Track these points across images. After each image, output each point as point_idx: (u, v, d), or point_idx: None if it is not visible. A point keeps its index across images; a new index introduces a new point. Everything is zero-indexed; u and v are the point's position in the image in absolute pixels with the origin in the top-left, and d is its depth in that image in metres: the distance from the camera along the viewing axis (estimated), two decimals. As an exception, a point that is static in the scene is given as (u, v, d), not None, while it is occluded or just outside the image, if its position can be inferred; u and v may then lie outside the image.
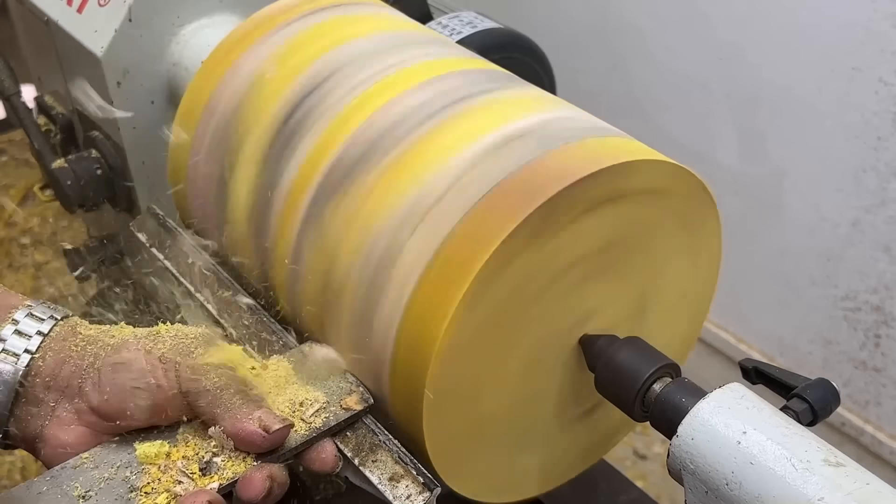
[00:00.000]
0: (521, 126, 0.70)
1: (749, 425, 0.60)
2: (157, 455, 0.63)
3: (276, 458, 0.64)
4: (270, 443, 0.63)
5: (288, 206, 0.75)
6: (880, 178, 1.62)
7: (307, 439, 0.66)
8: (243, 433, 0.62)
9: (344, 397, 0.70)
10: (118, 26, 0.94)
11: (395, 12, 0.92)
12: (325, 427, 0.67)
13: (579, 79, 2.05)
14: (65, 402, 0.64)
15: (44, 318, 0.65)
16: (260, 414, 0.63)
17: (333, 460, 0.67)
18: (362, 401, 0.70)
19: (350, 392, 0.70)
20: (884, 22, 1.51)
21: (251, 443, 0.63)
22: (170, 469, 0.62)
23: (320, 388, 0.70)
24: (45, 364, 0.63)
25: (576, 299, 0.71)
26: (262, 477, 0.62)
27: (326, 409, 0.68)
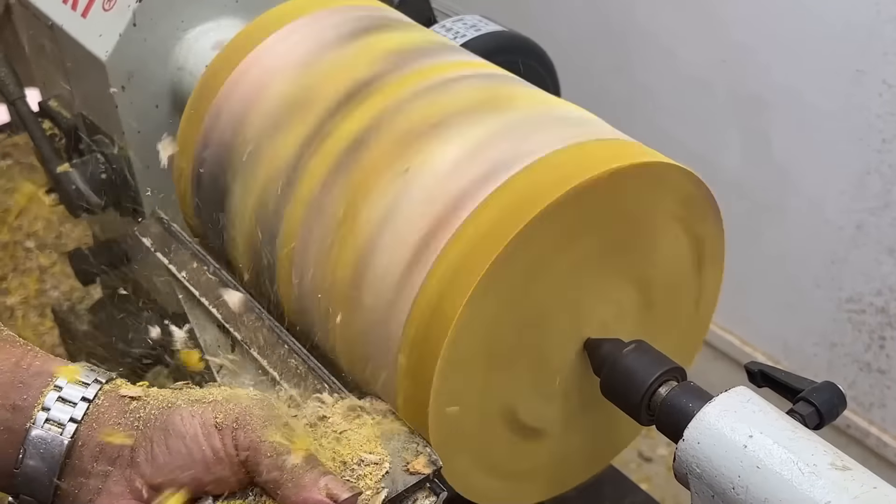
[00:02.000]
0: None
1: (755, 429, 0.60)
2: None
3: None
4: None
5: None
6: (885, 181, 1.62)
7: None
8: (310, 502, 0.58)
9: (410, 460, 0.65)
10: (122, 31, 0.94)
11: (386, 14, 0.92)
12: (392, 494, 0.63)
13: (583, 80, 2.04)
14: (115, 473, 0.59)
15: (88, 383, 0.61)
16: (326, 481, 0.59)
17: None
18: (430, 464, 0.65)
19: (416, 454, 0.66)
20: (888, 24, 1.51)
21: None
22: None
23: (385, 449, 0.65)
24: (92, 432, 0.59)
25: (580, 304, 0.71)
26: None
27: (392, 473, 0.63)
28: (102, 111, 1.00)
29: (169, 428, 0.59)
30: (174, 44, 0.98)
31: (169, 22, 0.96)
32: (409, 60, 0.80)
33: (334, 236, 0.72)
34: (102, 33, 0.95)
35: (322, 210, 0.73)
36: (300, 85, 0.80)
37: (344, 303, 0.71)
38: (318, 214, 0.74)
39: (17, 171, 2.89)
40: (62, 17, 1.01)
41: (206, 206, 0.85)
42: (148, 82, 0.97)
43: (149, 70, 0.97)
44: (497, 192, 0.66)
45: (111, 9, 0.95)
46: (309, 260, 0.74)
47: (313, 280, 0.74)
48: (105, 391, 0.61)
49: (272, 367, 0.75)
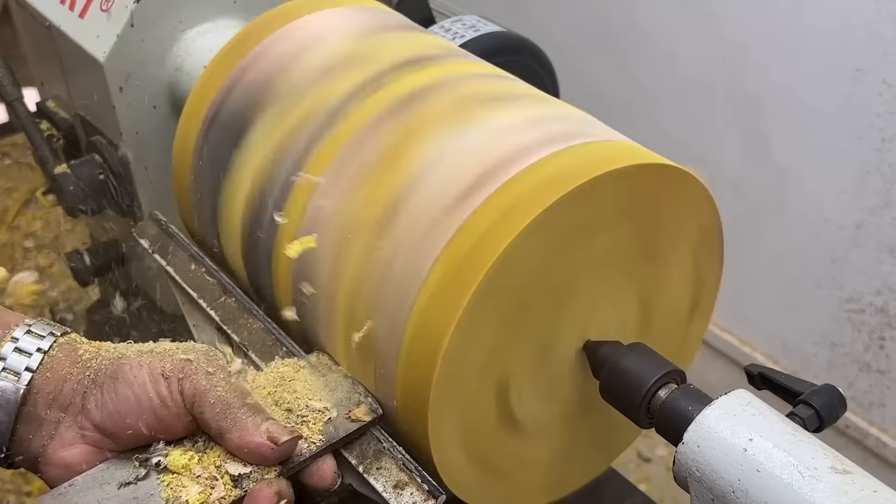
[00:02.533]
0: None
1: (755, 432, 0.59)
2: (185, 466, 0.62)
3: (286, 470, 0.63)
4: (279, 455, 0.62)
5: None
6: (885, 180, 1.62)
7: (316, 452, 0.65)
8: (251, 445, 0.61)
9: (352, 408, 0.69)
10: (120, 31, 0.94)
11: (382, 15, 0.91)
12: (332, 440, 0.66)
13: (582, 80, 2.05)
14: (67, 419, 0.63)
15: (43, 336, 0.64)
16: (267, 426, 0.62)
17: (332, 476, 0.66)
18: (371, 411, 0.69)
19: (359, 403, 0.70)
20: (887, 24, 1.51)
21: (260, 455, 0.62)
22: (199, 478, 0.61)
23: (328, 399, 0.69)
24: (46, 381, 0.62)
25: (578, 306, 0.71)
26: (270, 493, 0.61)
27: (334, 421, 0.67)
28: (100, 112, 1.00)
29: (118, 376, 0.62)
30: (172, 45, 0.97)
31: (166, 23, 0.96)
32: (462, 54, 0.83)
33: (372, 173, 0.71)
34: (100, 34, 0.95)
35: (362, 148, 0.72)
36: (360, 44, 0.81)
37: (368, 238, 0.69)
38: (356, 152, 0.72)
39: (15, 171, 2.89)
40: (60, 17, 1.01)
41: (202, 209, 0.85)
42: (145, 83, 0.97)
43: (146, 71, 0.97)
44: (557, 154, 0.67)
45: (109, 9, 0.95)
46: (335, 193, 0.72)
47: (334, 213, 0.72)
48: (60, 344, 0.64)
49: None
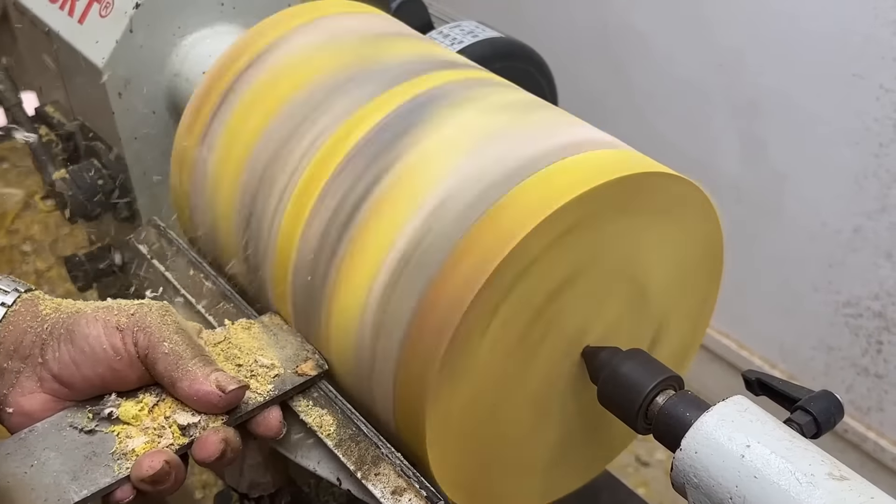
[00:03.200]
0: (408, 237, 0.68)
1: (753, 438, 0.59)
2: (135, 417, 0.65)
3: (232, 419, 0.67)
4: (227, 402, 0.66)
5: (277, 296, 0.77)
6: (882, 185, 1.62)
7: (263, 403, 0.69)
8: (200, 393, 0.65)
9: (300, 364, 0.73)
10: (119, 37, 0.94)
11: (351, 26, 0.91)
12: (279, 392, 0.70)
13: (580, 85, 2.05)
14: (27, 370, 0.66)
15: (8, 291, 0.67)
16: (216, 376, 0.66)
17: (278, 426, 0.70)
18: (317, 367, 0.73)
19: (306, 359, 0.74)
20: (884, 29, 1.52)
21: (208, 403, 0.65)
22: (148, 428, 0.65)
23: (277, 355, 0.73)
24: (8, 334, 0.66)
25: (567, 321, 0.71)
26: (217, 439, 0.65)
27: (282, 375, 0.72)
28: (99, 117, 1.00)
29: (75, 329, 0.65)
30: (170, 50, 0.97)
31: (165, 28, 0.96)
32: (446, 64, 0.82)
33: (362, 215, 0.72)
34: (99, 39, 0.95)
35: (343, 186, 0.73)
36: (347, 67, 0.81)
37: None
38: (336, 191, 0.73)
39: (13, 175, 2.89)
40: (59, 23, 1.01)
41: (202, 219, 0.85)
42: (144, 88, 0.97)
43: (145, 76, 0.97)
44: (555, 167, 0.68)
45: (108, 15, 0.95)
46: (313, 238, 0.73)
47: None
48: (23, 299, 0.67)
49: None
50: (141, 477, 0.62)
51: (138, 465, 0.62)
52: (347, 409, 0.71)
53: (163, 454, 0.63)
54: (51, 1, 1.03)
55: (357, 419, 0.71)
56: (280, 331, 0.76)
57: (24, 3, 1.06)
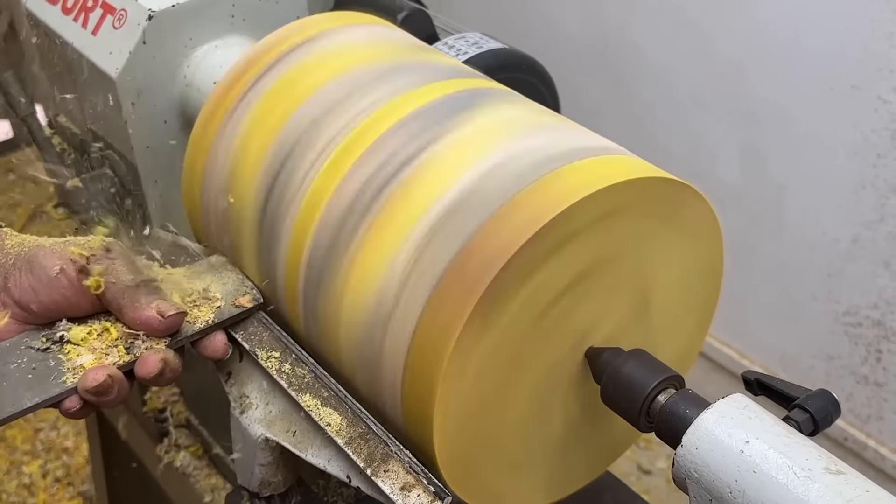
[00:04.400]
0: (456, 193, 0.70)
1: (752, 435, 0.61)
2: (84, 339, 0.73)
3: (175, 343, 0.75)
4: (166, 327, 0.74)
5: (288, 297, 0.80)
6: (880, 195, 1.64)
7: (202, 329, 0.78)
8: (143, 318, 0.73)
9: (238, 297, 0.81)
10: (132, 48, 0.96)
11: (380, 33, 0.93)
12: (218, 320, 0.79)
13: (581, 96, 2.07)
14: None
15: None
16: (158, 303, 0.73)
17: (223, 348, 0.79)
18: (254, 300, 0.81)
19: (244, 293, 0.82)
20: (882, 41, 1.54)
21: (149, 326, 0.73)
22: (96, 349, 0.73)
23: (219, 290, 0.82)
24: None
25: (573, 321, 0.73)
26: (156, 358, 0.73)
27: (223, 307, 0.80)
28: (112, 126, 1.02)
29: (34, 260, 0.73)
30: (182, 61, 0.99)
31: (178, 40, 0.98)
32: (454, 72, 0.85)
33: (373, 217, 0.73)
34: (112, 51, 0.97)
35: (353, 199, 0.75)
36: (354, 82, 0.82)
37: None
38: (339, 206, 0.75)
39: (20, 186, 2.91)
40: (72, 34, 1.03)
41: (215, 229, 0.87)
42: (157, 99, 0.99)
43: (158, 87, 0.99)
44: (559, 171, 0.69)
45: (121, 27, 0.97)
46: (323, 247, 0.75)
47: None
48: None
49: (279, 375, 0.77)
50: (86, 388, 0.70)
51: (84, 378, 0.70)
52: (357, 408, 0.73)
53: (106, 369, 0.71)
54: (64, 13, 1.05)
55: (367, 418, 0.72)
56: (224, 269, 0.85)
57: (38, 15, 1.08)
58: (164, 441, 1.26)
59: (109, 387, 0.70)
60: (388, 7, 1.09)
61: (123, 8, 0.98)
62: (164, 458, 1.25)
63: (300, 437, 0.76)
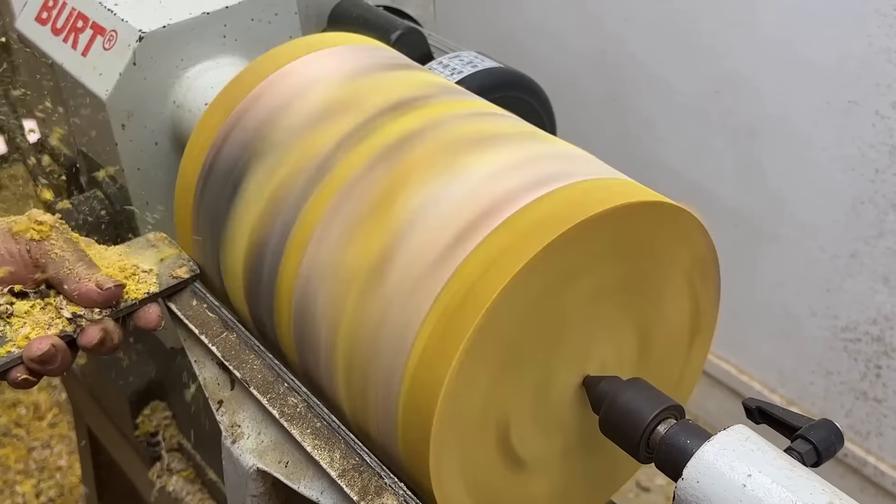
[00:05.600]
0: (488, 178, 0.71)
1: (754, 468, 0.60)
2: (27, 312, 0.77)
3: (114, 314, 0.79)
4: (105, 298, 0.78)
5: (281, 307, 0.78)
6: (878, 210, 1.63)
7: (140, 300, 0.81)
8: (82, 290, 0.77)
9: (175, 269, 0.85)
10: (123, 69, 0.95)
11: (345, 63, 0.92)
12: (154, 291, 0.83)
13: (579, 110, 2.07)
14: None
15: None
16: (97, 277, 0.78)
17: (157, 319, 0.82)
18: (190, 271, 0.86)
19: (182, 265, 0.86)
20: (880, 56, 1.53)
21: (89, 299, 0.77)
22: (39, 321, 0.77)
23: (157, 265, 0.85)
24: None
25: (575, 343, 0.72)
26: (96, 329, 0.77)
27: (160, 279, 0.84)
28: (102, 148, 1.01)
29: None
30: (173, 82, 0.98)
31: (168, 61, 0.97)
32: (452, 91, 0.84)
33: (362, 224, 0.72)
34: (102, 72, 0.96)
35: (352, 199, 0.73)
36: (346, 90, 0.82)
37: (360, 291, 0.71)
38: (346, 203, 0.74)
39: (12, 202, 2.89)
40: (62, 55, 1.02)
41: (204, 253, 0.86)
42: (147, 120, 0.98)
43: (148, 108, 0.98)
44: (543, 198, 0.67)
45: (111, 48, 0.96)
46: (326, 247, 0.74)
47: (328, 264, 0.74)
48: None
49: (271, 405, 0.75)
50: (31, 356, 0.74)
51: (28, 347, 0.75)
52: (350, 439, 0.72)
53: (50, 338, 0.75)
54: (54, 33, 1.04)
55: (360, 449, 0.71)
56: (162, 244, 0.88)
57: (28, 36, 1.07)
58: (156, 465, 1.25)
59: (53, 356, 0.75)
60: (382, 26, 1.09)
61: (114, 29, 0.97)
62: (156, 482, 1.23)
63: (293, 468, 0.75)
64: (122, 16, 0.97)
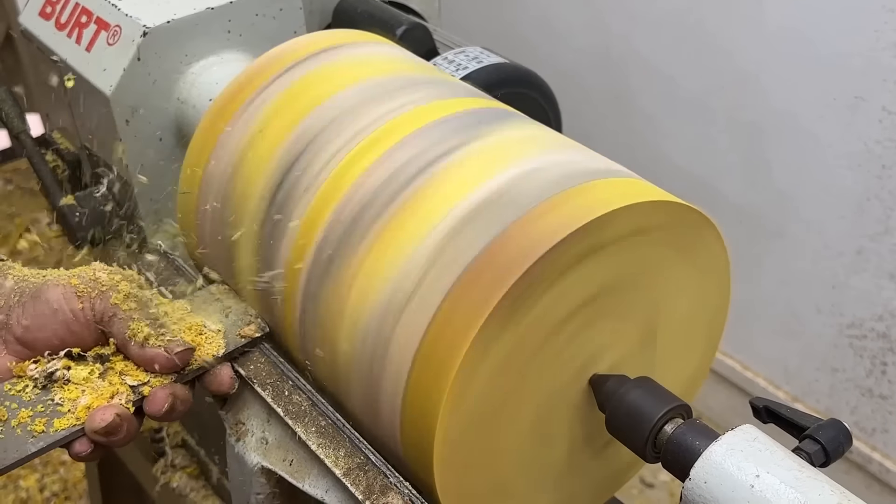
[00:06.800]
0: (487, 191, 0.69)
1: (762, 468, 0.60)
2: (86, 379, 0.71)
3: (181, 378, 0.73)
4: (173, 363, 0.71)
5: (287, 290, 0.77)
6: (885, 207, 1.63)
7: (209, 362, 0.76)
8: (150, 355, 0.71)
9: (242, 327, 0.79)
10: (127, 65, 0.94)
11: (392, 51, 0.92)
12: (223, 352, 0.76)
13: (584, 106, 2.06)
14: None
15: None
16: (166, 339, 0.72)
17: (229, 382, 0.77)
18: (259, 329, 0.80)
19: (249, 323, 0.80)
20: (886, 51, 1.52)
21: (157, 363, 0.71)
22: (98, 388, 0.71)
23: (223, 321, 0.80)
24: None
25: (581, 343, 0.71)
26: (165, 394, 0.71)
27: (227, 337, 0.78)
28: (106, 144, 1.00)
29: (38, 296, 0.71)
30: (178, 77, 0.98)
31: (173, 56, 0.97)
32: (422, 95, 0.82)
33: (348, 279, 0.72)
34: (107, 67, 0.96)
35: (331, 252, 0.73)
36: (316, 121, 0.80)
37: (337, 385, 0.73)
38: (324, 255, 0.73)
39: (18, 196, 2.90)
40: (66, 51, 1.01)
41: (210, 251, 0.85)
42: (152, 116, 0.98)
43: (152, 104, 0.97)
44: (465, 273, 0.66)
45: (115, 43, 0.96)
46: (315, 285, 0.74)
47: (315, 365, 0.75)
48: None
49: (276, 403, 0.75)
50: (94, 429, 0.68)
51: (91, 418, 0.68)
52: (355, 438, 0.72)
53: (114, 408, 0.69)
54: (58, 28, 1.04)
55: (365, 447, 0.71)
56: (226, 297, 0.83)
57: (32, 31, 1.07)
58: (160, 461, 1.25)
59: (118, 426, 0.68)
60: (387, 21, 1.08)
61: (118, 24, 0.96)
62: (160, 478, 1.23)
63: (297, 467, 0.75)
64: (126, 11, 0.96)
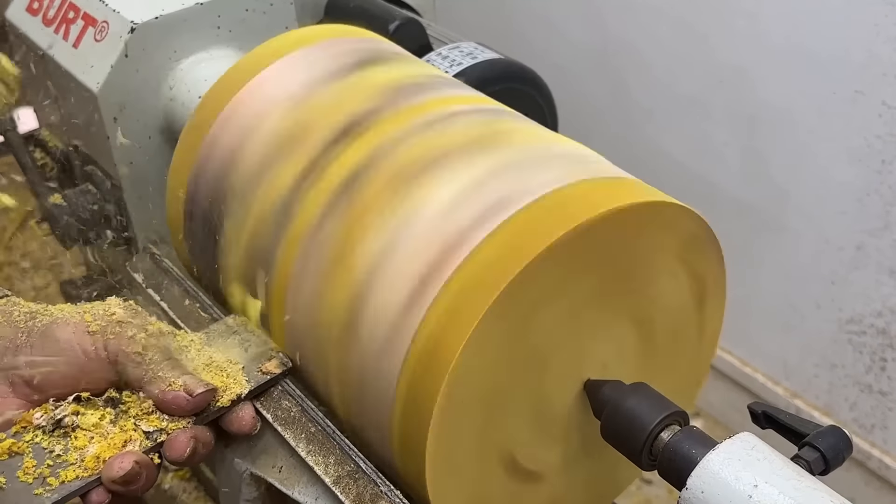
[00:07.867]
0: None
1: (760, 478, 0.58)
2: (95, 425, 0.66)
3: (202, 419, 0.69)
4: (194, 406, 0.67)
5: (277, 285, 0.75)
6: (885, 202, 1.61)
7: (230, 402, 0.71)
8: (169, 397, 0.67)
9: (264, 363, 0.75)
10: (114, 62, 0.93)
11: (381, 46, 0.90)
12: (245, 391, 0.72)
13: (581, 103, 2.04)
14: (0, 374, 0.67)
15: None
16: (185, 379, 0.68)
17: (251, 422, 0.72)
18: (281, 365, 0.75)
19: (270, 358, 0.76)
20: (886, 45, 1.51)
21: (177, 406, 0.67)
22: (111, 434, 0.66)
23: (242, 356, 0.75)
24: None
25: (580, 344, 0.70)
26: (186, 438, 0.67)
27: (247, 374, 0.73)
28: (94, 142, 0.99)
29: (48, 334, 0.67)
30: (166, 74, 0.96)
31: (161, 52, 0.95)
32: (405, 95, 0.79)
33: (327, 275, 0.70)
34: (94, 64, 0.94)
35: (314, 249, 0.72)
36: (294, 119, 0.79)
37: (338, 345, 0.70)
38: (310, 253, 0.72)
39: (12, 191, 2.88)
40: (53, 46, 0.99)
41: (198, 242, 0.84)
42: (140, 113, 0.96)
43: (141, 101, 0.96)
44: (495, 231, 0.65)
45: (103, 39, 0.94)
46: (303, 302, 0.72)
47: (308, 318, 0.73)
48: (1, 304, 0.69)
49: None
50: (112, 478, 0.63)
51: (109, 467, 0.64)
52: (346, 445, 0.70)
53: (133, 455, 0.64)
54: (45, 24, 1.02)
55: (355, 455, 0.69)
56: (244, 331, 0.78)
57: (19, 27, 1.05)
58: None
59: (137, 474, 0.64)
60: (380, 17, 1.06)
61: (105, 20, 0.95)
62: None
63: (286, 474, 0.73)
64: (113, 6, 0.95)
